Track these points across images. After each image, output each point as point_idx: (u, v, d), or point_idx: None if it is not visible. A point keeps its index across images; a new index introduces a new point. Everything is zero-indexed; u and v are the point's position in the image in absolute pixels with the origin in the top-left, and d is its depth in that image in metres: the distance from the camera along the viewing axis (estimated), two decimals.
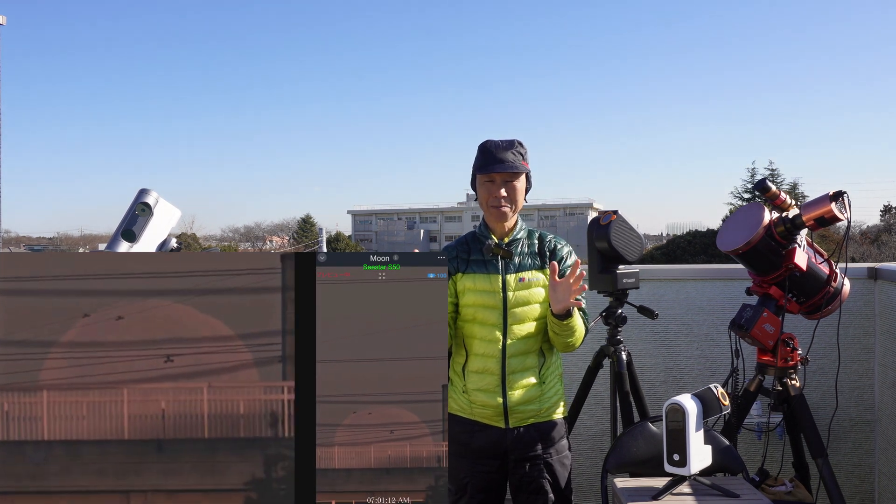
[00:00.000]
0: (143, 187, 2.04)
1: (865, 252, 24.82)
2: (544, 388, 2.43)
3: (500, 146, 2.42)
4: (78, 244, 58.59)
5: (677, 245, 24.36)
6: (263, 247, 61.02)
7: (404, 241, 63.15)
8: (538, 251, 2.49)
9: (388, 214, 70.44)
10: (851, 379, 3.62)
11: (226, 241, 63.86)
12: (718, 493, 2.31)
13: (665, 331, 3.71)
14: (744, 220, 2.85)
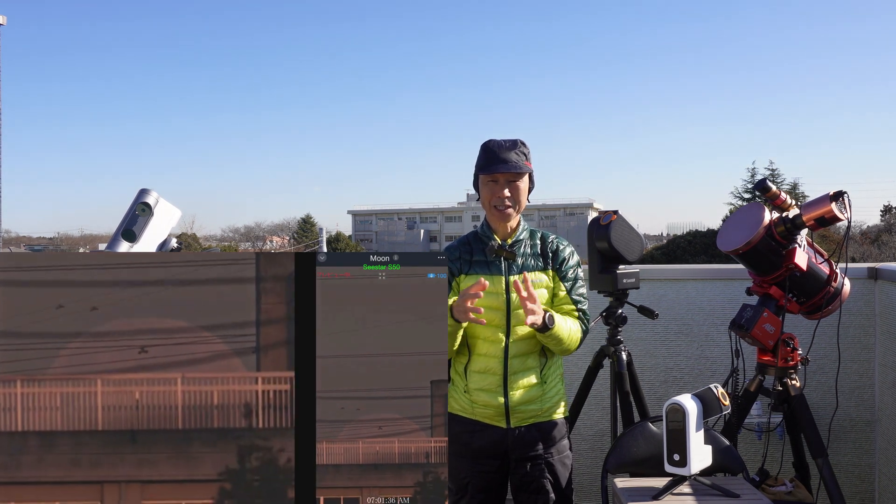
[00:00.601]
0: (143, 187, 2.04)
1: (865, 252, 24.82)
2: (546, 388, 2.43)
3: (504, 146, 2.41)
4: (78, 244, 58.58)
5: (677, 245, 24.36)
6: (263, 247, 61.01)
7: (404, 241, 63.17)
8: (541, 252, 2.49)
9: (388, 214, 70.44)
10: (851, 379, 3.62)
11: (226, 241, 63.87)
12: (718, 493, 2.30)
13: (665, 331, 3.71)
14: (744, 220, 2.85)
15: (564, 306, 2.47)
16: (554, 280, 2.47)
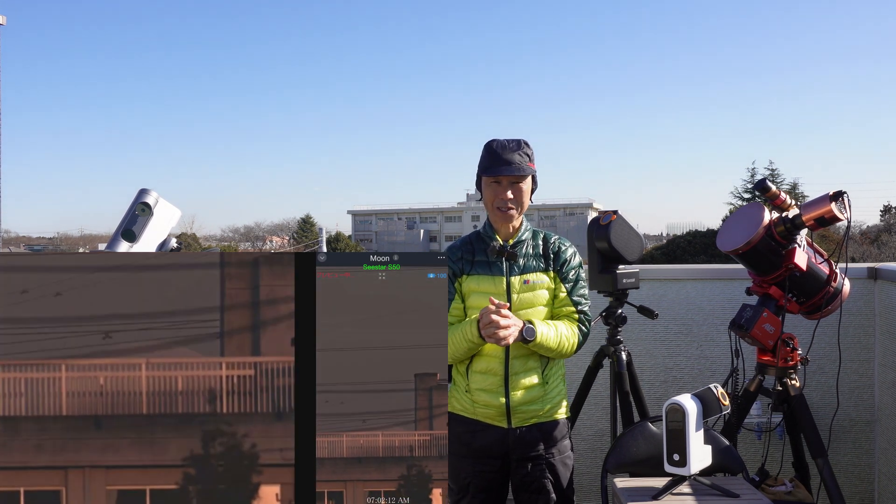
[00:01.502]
0: (143, 187, 2.03)
1: (865, 252, 24.81)
2: (547, 388, 2.43)
3: (508, 147, 2.40)
4: (78, 244, 58.56)
5: (677, 245, 24.34)
6: (263, 247, 61.00)
7: (404, 241, 63.17)
8: (543, 252, 2.48)
9: (388, 214, 70.42)
10: (851, 379, 3.62)
11: (226, 241, 63.86)
12: (718, 493, 2.30)
13: (665, 331, 3.71)
14: (744, 220, 2.85)
15: (565, 308, 2.47)
16: (555, 281, 2.47)
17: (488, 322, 2.23)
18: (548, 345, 2.35)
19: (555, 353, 2.41)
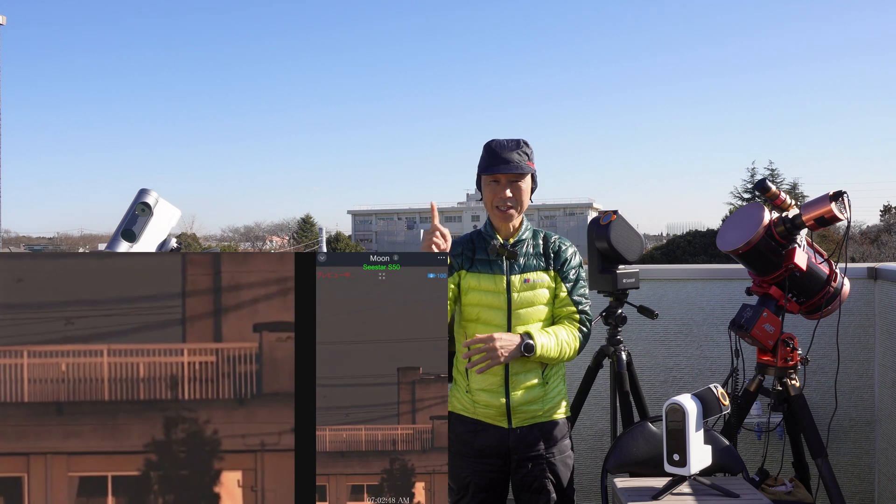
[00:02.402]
0: (143, 187, 2.03)
1: (865, 252, 24.81)
2: (547, 388, 2.43)
3: (506, 146, 2.41)
4: (78, 244, 58.55)
5: (677, 245, 24.32)
6: (263, 247, 61.01)
7: (404, 241, 63.15)
8: (543, 252, 2.49)
9: (388, 214, 70.45)
10: (851, 379, 3.62)
11: (226, 241, 63.84)
12: (718, 493, 2.31)
13: (665, 331, 3.71)
14: (744, 220, 2.85)
15: (565, 307, 2.47)
16: (555, 280, 2.47)
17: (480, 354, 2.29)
18: (549, 356, 2.36)
19: (556, 361, 2.42)
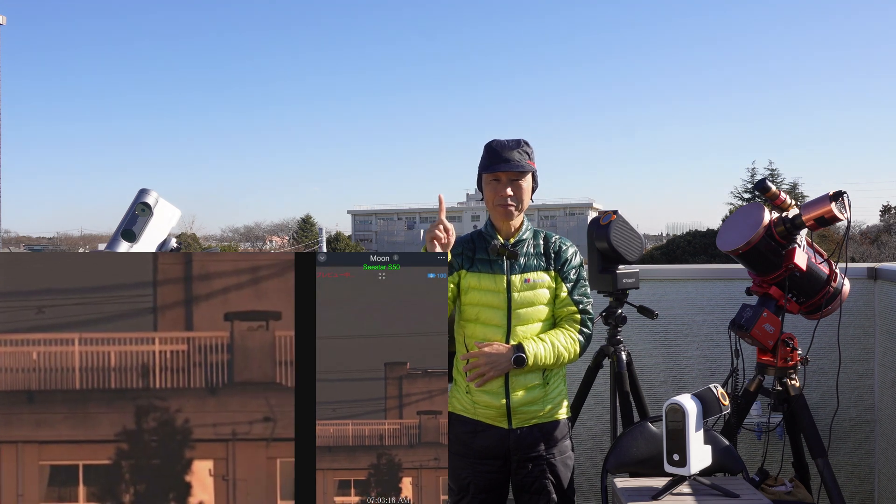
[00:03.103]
0: (143, 187, 2.03)
1: (865, 252, 24.80)
2: (548, 388, 2.43)
3: (507, 145, 2.42)
4: (78, 244, 58.47)
5: (677, 245, 24.31)
6: (263, 247, 61.01)
7: (404, 241, 63.13)
8: (543, 252, 2.49)
9: (388, 214, 70.43)
10: (851, 379, 3.62)
11: (226, 241, 63.82)
12: (718, 493, 2.31)
13: (665, 331, 3.71)
14: (744, 220, 2.85)
15: (566, 308, 2.47)
16: (556, 281, 2.47)
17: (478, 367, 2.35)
18: (545, 363, 2.38)
19: (555, 366, 2.42)
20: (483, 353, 2.34)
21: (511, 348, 2.35)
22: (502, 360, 2.33)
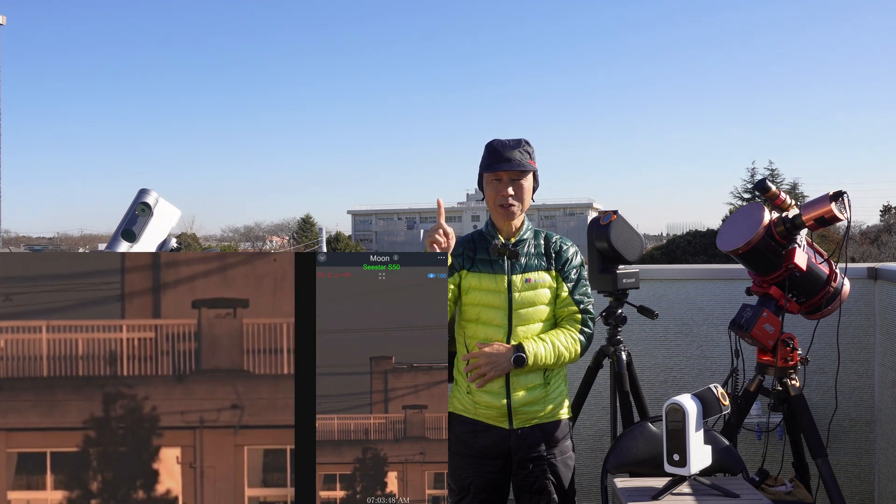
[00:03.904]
0: (143, 187, 2.03)
1: (865, 252, 24.79)
2: (549, 388, 2.43)
3: (508, 145, 2.42)
4: (78, 244, 58.44)
5: (677, 245, 24.30)
6: (263, 247, 60.99)
7: (404, 241, 63.12)
8: (544, 252, 2.49)
9: (388, 214, 70.42)
10: (851, 379, 3.62)
11: (226, 241, 63.80)
12: (718, 493, 2.31)
13: (665, 331, 3.71)
14: (744, 220, 2.85)
15: (567, 307, 2.47)
16: (557, 280, 2.47)
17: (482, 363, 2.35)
18: (545, 363, 2.38)
19: (555, 366, 2.42)
20: (483, 353, 2.34)
21: (511, 348, 2.35)
22: (502, 360, 2.33)
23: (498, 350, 2.34)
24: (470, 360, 2.38)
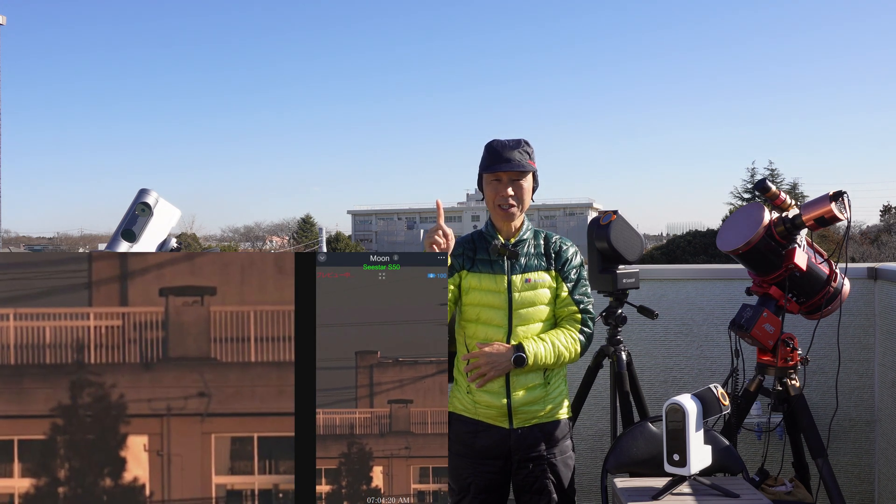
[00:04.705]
0: (143, 187, 2.03)
1: (865, 252, 24.79)
2: (549, 388, 2.43)
3: (507, 145, 2.42)
4: (78, 244, 58.47)
5: (677, 245, 24.30)
6: (263, 247, 60.97)
7: (404, 241, 63.11)
8: (544, 252, 2.49)
9: (388, 214, 70.42)
10: (851, 379, 3.62)
11: (226, 241, 63.78)
12: (718, 493, 2.31)
13: (665, 331, 3.71)
14: (744, 220, 2.85)
15: (567, 307, 2.47)
16: (557, 280, 2.47)
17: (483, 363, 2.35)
18: (545, 363, 2.38)
19: (555, 366, 2.42)
20: (483, 353, 2.34)
21: (511, 348, 2.35)
22: (502, 359, 2.33)
23: (498, 350, 2.34)
24: (470, 360, 2.38)
